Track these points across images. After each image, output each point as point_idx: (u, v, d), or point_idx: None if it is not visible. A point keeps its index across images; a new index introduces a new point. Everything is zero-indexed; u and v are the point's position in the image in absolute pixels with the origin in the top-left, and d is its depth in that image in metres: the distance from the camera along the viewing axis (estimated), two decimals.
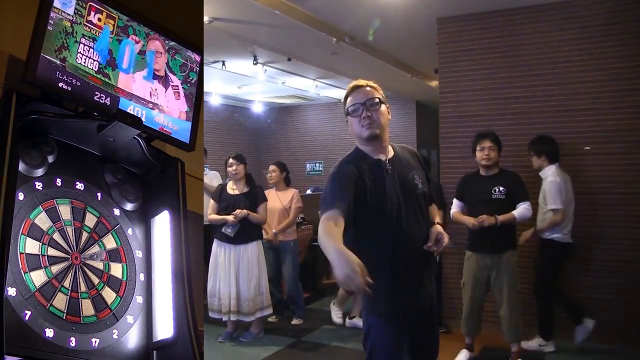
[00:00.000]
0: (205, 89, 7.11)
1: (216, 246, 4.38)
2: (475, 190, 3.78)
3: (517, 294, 3.68)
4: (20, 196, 1.94)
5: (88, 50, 2.11)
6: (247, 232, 4.31)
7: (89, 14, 2.12)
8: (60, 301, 1.92)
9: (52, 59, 2.00)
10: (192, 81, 2.50)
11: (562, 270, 4.08)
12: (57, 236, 2.01)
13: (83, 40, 2.10)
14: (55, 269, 1.96)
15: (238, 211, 4.25)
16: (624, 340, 4.08)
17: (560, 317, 4.33)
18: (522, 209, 3.63)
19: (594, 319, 4.19)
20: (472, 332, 3.84)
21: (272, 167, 4.98)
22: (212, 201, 4.45)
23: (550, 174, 3.97)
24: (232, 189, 4.43)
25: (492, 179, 3.74)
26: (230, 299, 4.25)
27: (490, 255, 3.69)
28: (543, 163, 4.04)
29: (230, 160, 4.41)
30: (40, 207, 2.00)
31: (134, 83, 2.28)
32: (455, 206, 3.91)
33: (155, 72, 2.37)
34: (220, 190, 4.49)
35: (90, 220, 2.14)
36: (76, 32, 2.08)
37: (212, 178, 5.18)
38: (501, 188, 3.67)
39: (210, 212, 4.39)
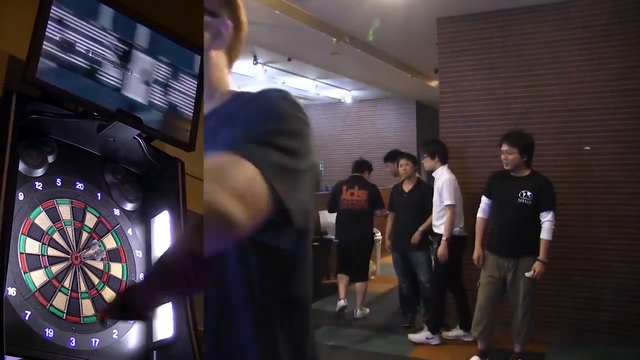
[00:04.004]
0: None
1: None
2: (502, 190, 3.63)
3: (534, 298, 3.57)
4: (20, 196, 1.94)
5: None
6: None
7: None
8: (60, 301, 1.92)
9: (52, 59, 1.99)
10: None
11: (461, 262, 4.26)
12: (57, 236, 2.01)
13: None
14: (55, 269, 1.96)
15: None
16: (624, 340, 4.08)
17: (564, 316, 4.34)
18: (548, 227, 3.50)
19: (594, 319, 4.20)
20: (486, 334, 3.65)
21: None
22: None
23: (444, 173, 4.23)
24: None
25: (521, 181, 3.55)
26: None
27: (509, 258, 3.56)
28: (436, 164, 4.30)
29: None
30: (40, 207, 2.00)
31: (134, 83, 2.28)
32: (484, 203, 3.75)
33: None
34: None
35: (90, 220, 2.14)
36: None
37: None
38: (528, 193, 3.49)
39: None
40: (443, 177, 4.19)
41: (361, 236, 4.97)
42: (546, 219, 3.50)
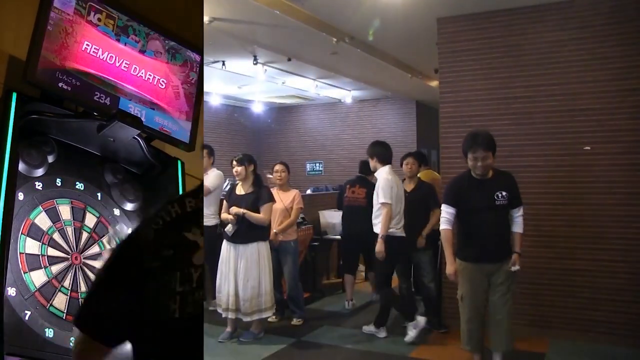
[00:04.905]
0: (205, 89, 7.11)
1: (224, 244, 4.42)
2: (476, 197, 3.41)
3: (512, 299, 3.45)
4: (20, 196, 1.94)
5: (88, 51, 2.11)
6: (247, 232, 4.30)
7: (89, 14, 2.12)
8: (60, 301, 1.92)
9: (52, 59, 2.00)
10: (192, 81, 2.50)
11: (397, 262, 4.42)
12: (57, 236, 2.01)
13: (83, 40, 2.10)
14: (55, 269, 1.96)
15: (234, 208, 4.28)
16: (624, 340, 4.08)
17: (564, 316, 4.34)
18: (521, 221, 3.45)
19: (594, 319, 4.19)
20: (480, 346, 3.49)
21: (280, 167, 4.98)
22: (224, 201, 4.60)
23: (383, 173, 4.35)
24: (239, 189, 4.48)
25: (492, 182, 3.41)
26: (229, 297, 4.26)
27: (494, 263, 3.41)
28: (376, 165, 4.45)
29: (233, 162, 4.46)
30: (40, 207, 2.00)
31: (134, 83, 2.28)
32: (448, 214, 3.43)
33: (155, 72, 2.37)
34: (230, 190, 4.61)
35: (90, 220, 2.15)
36: (76, 32, 2.08)
37: (213, 177, 5.16)
38: (503, 193, 3.38)
39: (222, 211, 4.55)
40: (381, 178, 4.33)
41: (362, 231, 5.08)
42: (518, 214, 3.47)
